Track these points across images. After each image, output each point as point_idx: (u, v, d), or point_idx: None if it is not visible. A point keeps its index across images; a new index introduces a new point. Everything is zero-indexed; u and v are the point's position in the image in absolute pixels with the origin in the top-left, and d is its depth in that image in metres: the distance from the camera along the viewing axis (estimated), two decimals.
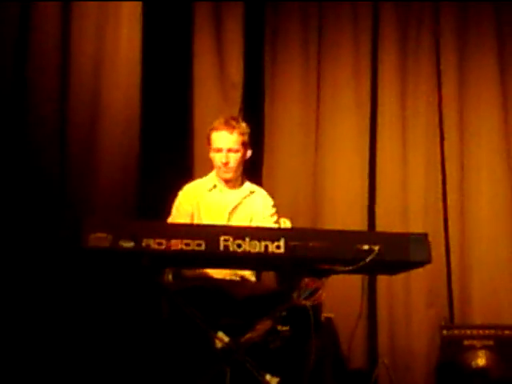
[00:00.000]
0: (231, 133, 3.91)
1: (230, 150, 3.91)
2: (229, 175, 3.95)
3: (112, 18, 4.64)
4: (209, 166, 4.08)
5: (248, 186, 4.04)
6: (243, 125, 3.98)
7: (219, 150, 3.92)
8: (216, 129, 3.93)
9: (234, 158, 3.92)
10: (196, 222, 3.87)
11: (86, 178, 4.48)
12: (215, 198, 3.96)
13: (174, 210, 3.94)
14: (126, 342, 4.25)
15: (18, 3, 4.38)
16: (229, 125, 3.92)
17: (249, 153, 4.00)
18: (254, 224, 3.89)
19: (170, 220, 3.88)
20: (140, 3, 4.71)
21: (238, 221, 3.88)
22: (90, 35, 4.60)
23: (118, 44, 4.64)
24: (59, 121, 4.47)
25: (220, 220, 3.86)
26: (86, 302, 4.24)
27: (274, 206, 4.04)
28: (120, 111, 4.59)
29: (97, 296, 4.24)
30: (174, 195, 4.02)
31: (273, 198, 4.18)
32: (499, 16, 5.37)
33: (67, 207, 4.36)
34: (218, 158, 3.92)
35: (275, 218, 3.98)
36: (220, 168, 3.93)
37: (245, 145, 3.96)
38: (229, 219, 3.91)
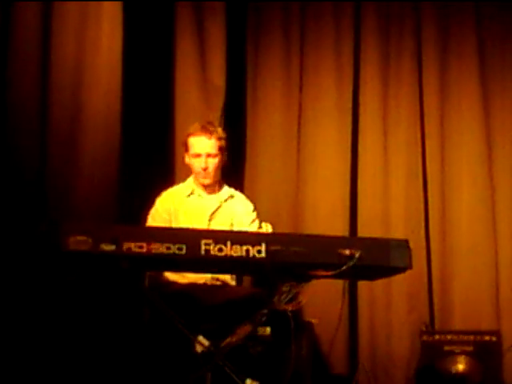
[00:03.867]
0: (209, 138, 3.93)
1: (208, 155, 3.92)
2: (208, 180, 3.96)
3: (92, 19, 4.61)
4: (190, 171, 4.08)
5: (227, 190, 4.05)
6: (220, 130, 4.03)
7: (198, 156, 3.93)
8: (194, 134, 3.94)
9: (213, 163, 3.93)
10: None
11: (66, 180, 4.45)
12: (194, 204, 3.96)
13: (149, 218, 3.93)
14: (107, 346, 4.23)
15: None
16: (207, 130, 3.94)
17: (225, 158, 4.01)
18: (236, 229, 3.90)
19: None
20: (120, 3, 4.69)
21: (218, 226, 3.89)
22: (71, 36, 4.56)
23: (98, 46, 4.61)
24: (39, 123, 4.44)
25: (199, 225, 3.86)
26: (66, 306, 4.22)
27: (255, 209, 4.05)
28: (100, 114, 4.56)
29: (77, 300, 4.22)
30: (155, 200, 4.01)
31: (254, 202, 4.19)
32: (480, 23, 5.39)
33: (47, 210, 4.34)
34: (197, 164, 3.93)
35: (257, 222, 3.99)
36: (199, 173, 3.94)
37: (222, 150, 3.98)
38: (208, 224, 3.90)
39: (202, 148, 3.92)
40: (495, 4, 5.38)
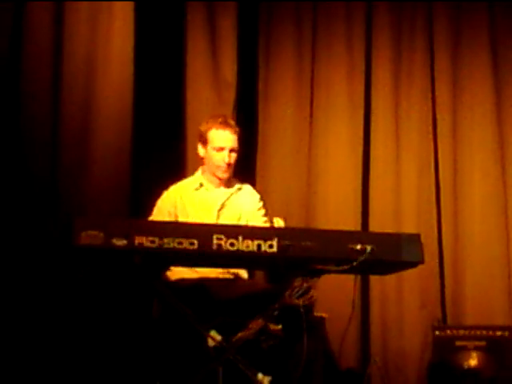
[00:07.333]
0: (233, 133, 3.93)
1: (232, 150, 3.92)
2: (227, 175, 3.96)
3: (105, 17, 4.64)
4: (200, 165, 4.08)
5: (234, 182, 4.05)
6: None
7: (221, 149, 3.91)
8: (217, 127, 3.92)
9: (234, 158, 3.95)
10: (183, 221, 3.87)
11: (79, 175, 4.48)
12: (202, 197, 3.96)
13: (154, 210, 3.93)
14: (119, 341, 4.24)
15: (11, 2, 4.38)
16: (231, 124, 3.94)
17: None
18: (244, 220, 3.90)
19: (149, 219, 3.87)
20: (132, 2, 4.70)
21: (227, 218, 3.89)
22: (83, 35, 4.60)
23: (110, 43, 4.64)
24: (51, 119, 4.46)
25: (208, 218, 3.86)
26: (78, 301, 4.24)
27: (262, 199, 4.05)
28: (112, 110, 4.58)
29: (89, 294, 4.24)
30: (162, 192, 4.01)
31: (265, 196, 4.18)
32: (493, 18, 5.38)
33: (59, 205, 4.36)
34: (219, 158, 3.91)
35: (263, 211, 3.99)
36: (220, 167, 3.93)
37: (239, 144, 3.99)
38: (217, 217, 3.91)
39: (227, 142, 3.91)
40: None
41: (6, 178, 4.28)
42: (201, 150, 4.00)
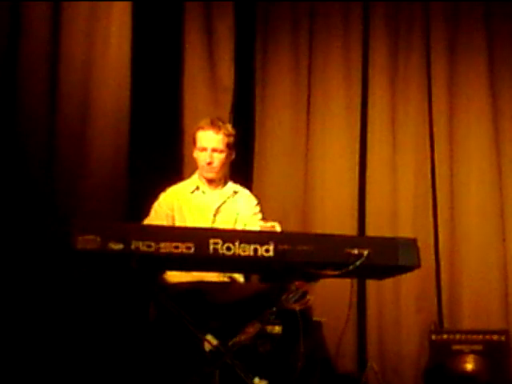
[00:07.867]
0: (217, 133, 3.91)
1: (214, 150, 3.91)
2: (211, 175, 3.95)
3: (102, 19, 4.64)
4: (197, 167, 4.09)
5: (231, 186, 4.04)
6: (229, 126, 4.00)
7: (204, 149, 3.92)
8: (202, 128, 3.93)
9: (218, 159, 3.91)
10: (179, 224, 3.86)
11: (75, 179, 4.47)
12: (198, 200, 3.96)
13: (152, 212, 3.93)
14: (115, 344, 4.24)
15: (8, 3, 4.37)
16: (215, 125, 3.93)
17: (233, 155, 4.01)
18: (240, 224, 3.90)
19: (147, 221, 3.87)
20: (130, 3, 4.70)
21: (223, 221, 3.88)
22: (80, 36, 4.60)
23: (108, 45, 4.64)
24: (48, 121, 4.46)
25: (204, 221, 3.86)
26: (75, 304, 4.23)
27: (258, 204, 4.05)
28: (110, 113, 4.59)
29: (85, 298, 4.24)
30: (159, 195, 4.01)
31: (262, 200, 4.18)
32: (490, 21, 5.40)
33: (56, 209, 4.36)
34: (202, 158, 3.93)
35: (259, 216, 3.98)
36: (203, 167, 3.94)
37: (229, 146, 3.95)
38: (213, 220, 3.90)
39: (209, 142, 3.91)
40: (504, 1, 5.37)
41: (2, 180, 4.27)
42: (194, 152, 4.01)
